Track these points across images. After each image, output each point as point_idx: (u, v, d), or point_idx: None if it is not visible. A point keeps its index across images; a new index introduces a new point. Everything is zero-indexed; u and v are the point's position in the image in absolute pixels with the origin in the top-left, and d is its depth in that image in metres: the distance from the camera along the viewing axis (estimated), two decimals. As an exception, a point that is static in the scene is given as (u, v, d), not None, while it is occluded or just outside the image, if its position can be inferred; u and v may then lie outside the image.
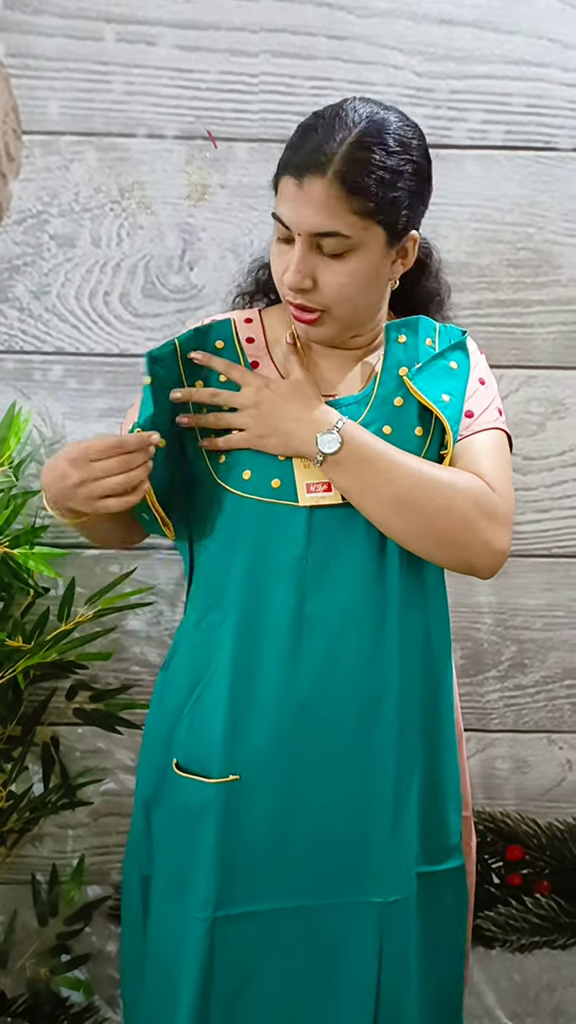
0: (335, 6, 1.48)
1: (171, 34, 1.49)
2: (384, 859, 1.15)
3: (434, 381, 1.15)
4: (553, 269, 1.55)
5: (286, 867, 1.15)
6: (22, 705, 1.55)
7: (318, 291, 1.10)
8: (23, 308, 1.55)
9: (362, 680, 1.13)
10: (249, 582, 1.14)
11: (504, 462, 1.17)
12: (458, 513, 1.10)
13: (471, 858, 1.29)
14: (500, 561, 1.13)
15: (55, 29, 1.48)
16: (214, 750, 1.14)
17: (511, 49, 1.49)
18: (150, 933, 1.21)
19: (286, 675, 1.13)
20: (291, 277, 1.09)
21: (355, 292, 1.11)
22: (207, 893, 1.14)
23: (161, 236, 1.54)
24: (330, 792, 1.14)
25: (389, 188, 1.08)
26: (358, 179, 1.06)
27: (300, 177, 1.07)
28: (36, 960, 1.63)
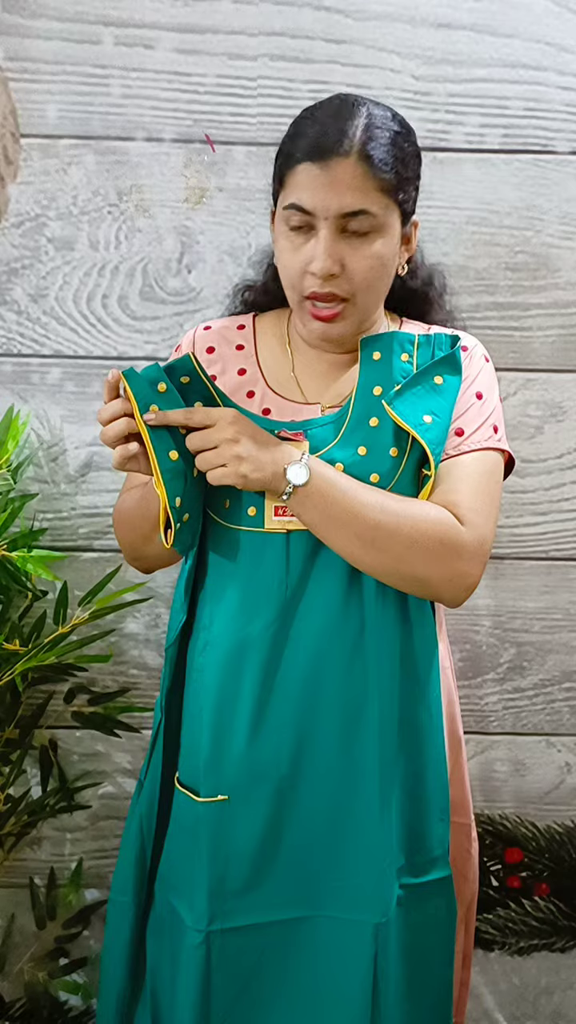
0: (333, 10, 1.48)
1: (169, 38, 1.49)
2: (369, 875, 1.15)
3: (415, 402, 1.13)
4: (551, 272, 1.55)
5: (277, 881, 1.16)
6: (20, 708, 1.55)
7: (345, 277, 1.10)
8: (21, 311, 1.55)
9: (341, 696, 1.14)
10: (234, 607, 1.14)
11: (487, 488, 1.14)
12: (423, 550, 1.09)
13: (472, 864, 1.29)
14: (467, 594, 1.14)
15: (53, 32, 1.48)
16: (200, 770, 1.15)
17: (508, 53, 1.50)
18: (155, 947, 1.21)
19: (268, 695, 1.13)
20: (322, 263, 1.09)
21: (380, 275, 1.12)
22: (201, 907, 1.15)
23: (159, 239, 1.54)
24: (314, 808, 1.15)
25: (404, 166, 1.11)
26: (381, 156, 1.08)
27: (323, 159, 1.08)
28: (34, 964, 1.63)
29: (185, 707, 1.20)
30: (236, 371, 1.21)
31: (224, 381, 1.20)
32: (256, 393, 1.19)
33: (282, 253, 1.13)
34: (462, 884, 1.25)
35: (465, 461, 1.14)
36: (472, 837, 1.29)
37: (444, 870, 1.17)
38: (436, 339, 1.18)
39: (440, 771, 1.17)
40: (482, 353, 1.21)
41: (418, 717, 1.16)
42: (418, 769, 1.15)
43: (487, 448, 1.16)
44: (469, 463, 1.15)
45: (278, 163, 1.13)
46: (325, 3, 1.48)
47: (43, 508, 1.58)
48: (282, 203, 1.12)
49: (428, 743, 1.16)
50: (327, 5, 1.48)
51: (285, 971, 1.17)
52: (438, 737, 1.17)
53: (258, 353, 1.22)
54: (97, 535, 1.59)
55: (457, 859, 1.22)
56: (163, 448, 1.07)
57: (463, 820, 1.26)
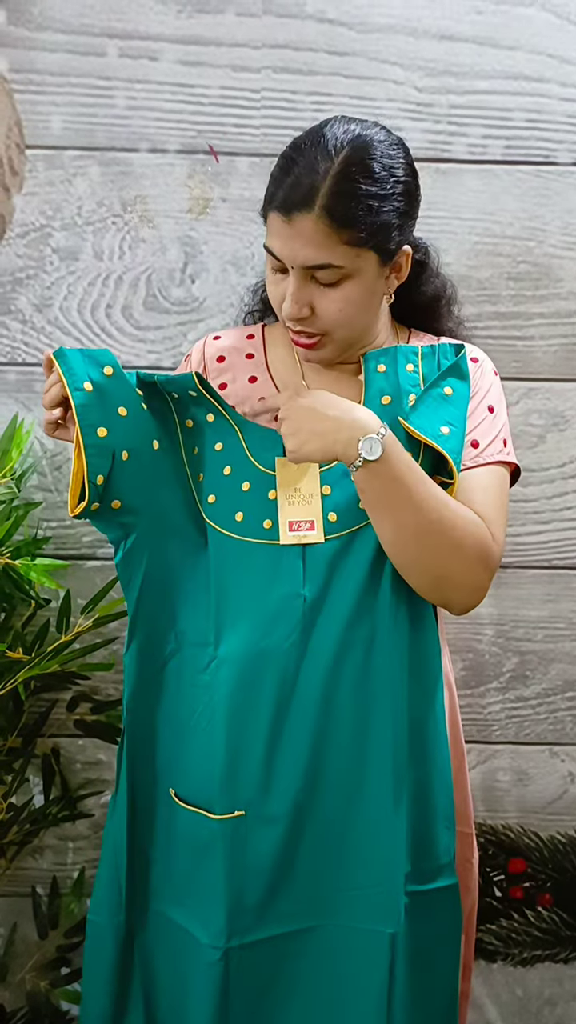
0: (336, 22, 1.49)
1: (173, 50, 1.50)
2: (382, 883, 1.15)
3: (430, 415, 1.14)
4: (553, 282, 1.55)
5: (293, 892, 1.16)
6: (23, 716, 1.55)
7: (317, 318, 1.12)
8: (26, 320, 1.56)
9: (353, 706, 1.14)
10: (248, 622, 1.14)
11: (502, 502, 1.17)
12: (464, 556, 1.11)
13: (473, 874, 1.29)
14: (478, 603, 1.16)
15: (58, 44, 1.50)
16: (214, 786, 1.14)
17: (511, 65, 1.51)
18: (155, 966, 1.21)
19: (286, 710, 1.13)
20: (288, 308, 1.11)
21: (353, 315, 1.12)
22: (219, 924, 1.14)
23: (163, 249, 1.55)
24: (329, 817, 1.15)
25: (377, 215, 1.08)
26: (346, 211, 1.06)
27: (287, 213, 1.08)
28: (36, 973, 1.62)
29: (176, 723, 1.18)
30: (247, 379, 1.22)
31: (235, 389, 1.21)
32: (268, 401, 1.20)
33: (268, 283, 1.16)
34: (463, 894, 1.24)
35: (481, 474, 1.16)
36: (473, 846, 1.29)
37: (450, 878, 1.18)
38: (440, 349, 1.19)
39: (446, 779, 1.17)
40: (491, 367, 1.23)
41: (424, 724, 1.16)
42: (425, 777, 1.16)
43: (498, 462, 1.18)
44: (484, 476, 1.16)
45: (264, 197, 1.14)
46: (328, 16, 1.49)
47: (46, 516, 1.59)
48: (265, 242, 1.13)
49: (434, 751, 1.17)
50: (330, 18, 1.49)
51: (300, 981, 1.17)
52: (443, 744, 1.17)
53: (268, 362, 1.23)
54: (100, 543, 1.59)
55: (459, 868, 1.22)
56: (91, 422, 1.11)
57: (464, 829, 1.26)
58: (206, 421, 1.17)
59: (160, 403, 1.18)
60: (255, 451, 1.16)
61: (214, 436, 1.17)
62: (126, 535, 1.17)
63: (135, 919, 1.22)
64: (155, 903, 1.21)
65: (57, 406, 1.13)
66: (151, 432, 1.15)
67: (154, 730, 1.20)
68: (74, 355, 1.13)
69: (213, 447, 1.16)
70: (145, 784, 1.21)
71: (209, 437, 1.17)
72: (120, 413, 1.12)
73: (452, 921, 1.19)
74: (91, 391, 1.11)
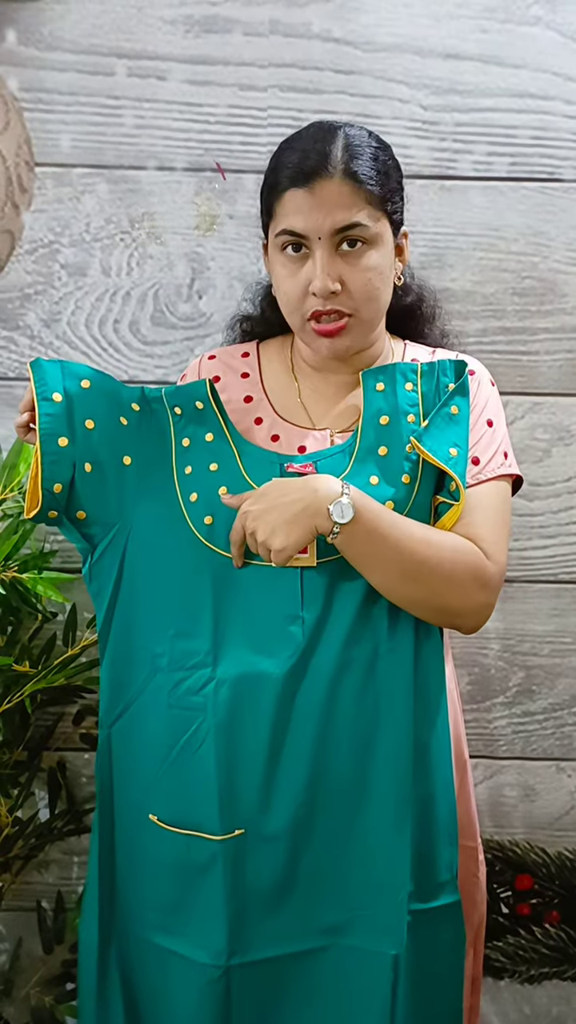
0: (342, 41, 1.51)
1: (181, 69, 1.52)
2: (384, 903, 1.14)
3: (439, 436, 1.14)
4: (558, 297, 1.56)
5: (295, 911, 1.15)
6: (29, 730, 1.55)
7: (346, 293, 1.12)
8: (34, 336, 1.57)
9: (354, 724, 1.13)
10: (245, 644, 1.13)
11: (502, 517, 1.17)
12: (458, 584, 1.11)
13: (480, 888, 1.28)
14: (485, 622, 1.17)
15: (67, 64, 1.51)
16: (212, 807, 1.13)
17: (516, 83, 1.52)
18: (138, 991, 1.20)
19: (285, 730, 1.13)
20: (321, 282, 1.11)
21: (380, 287, 1.14)
22: (219, 944, 1.14)
23: (170, 265, 1.56)
24: (329, 836, 1.14)
25: (388, 178, 1.14)
26: (365, 170, 1.11)
27: (309, 183, 1.10)
28: (41, 988, 1.62)
29: (156, 747, 1.16)
30: (243, 398, 1.21)
31: (231, 409, 1.20)
32: (264, 420, 1.20)
33: (280, 281, 1.15)
34: (470, 908, 1.24)
35: (482, 491, 1.16)
36: (480, 860, 1.28)
37: (452, 895, 1.17)
38: (440, 366, 1.18)
39: (449, 795, 1.17)
40: (488, 378, 1.22)
41: (427, 741, 1.15)
42: (427, 793, 1.15)
43: (500, 476, 1.18)
44: (486, 493, 1.16)
45: (264, 195, 1.16)
46: (334, 35, 1.50)
47: (53, 531, 1.59)
48: (273, 231, 1.14)
49: (437, 767, 1.16)
50: (336, 37, 1.51)
51: (303, 1002, 1.16)
52: (446, 760, 1.17)
53: (264, 380, 1.23)
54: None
55: (465, 883, 1.21)
56: (52, 431, 1.13)
57: (470, 843, 1.25)
58: (204, 440, 1.16)
59: (159, 421, 1.17)
60: (252, 472, 1.15)
61: (210, 456, 1.16)
62: (93, 547, 1.17)
63: (112, 943, 1.20)
64: (137, 929, 1.19)
65: (28, 410, 1.16)
66: (122, 447, 1.15)
67: (132, 752, 1.18)
68: (51, 366, 1.15)
69: (208, 467, 1.16)
70: (124, 806, 1.19)
71: (205, 457, 1.16)
72: (87, 426, 1.13)
73: (455, 939, 1.18)
74: (60, 401, 1.14)
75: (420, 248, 1.24)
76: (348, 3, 1.50)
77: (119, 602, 1.18)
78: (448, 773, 1.17)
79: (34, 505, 1.15)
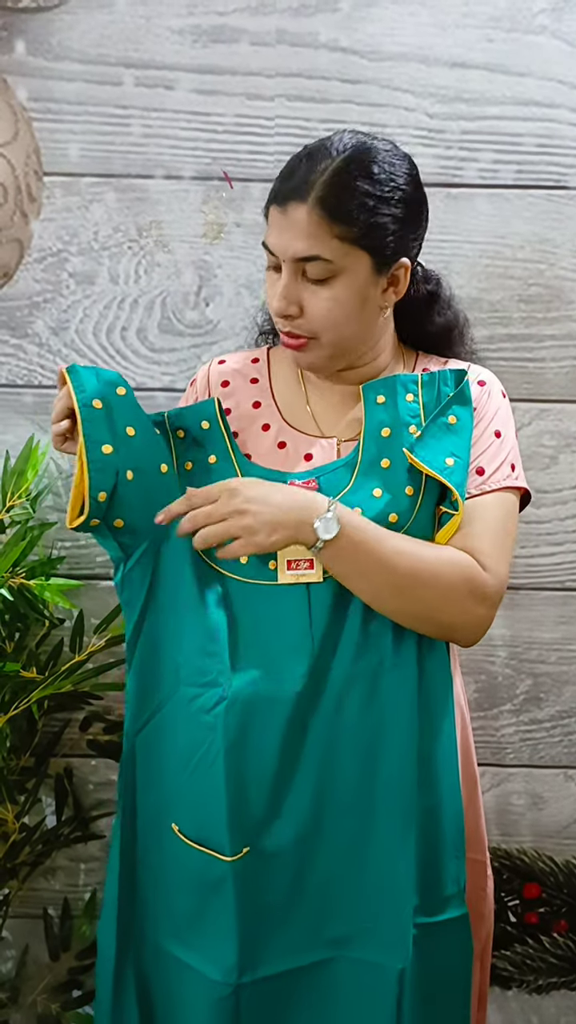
0: (349, 51, 1.52)
1: (189, 79, 1.53)
2: (389, 916, 1.14)
3: (435, 445, 1.13)
4: (564, 304, 1.56)
5: (303, 925, 1.15)
6: (36, 736, 1.55)
7: (304, 317, 1.11)
8: (42, 343, 1.58)
9: (359, 737, 1.13)
10: (257, 663, 1.12)
11: (505, 529, 1.15)
12: (451, 598, 1.10)
13: (487, 902, 1.27)
14: (482, 635, 1.15)
15: (75, 74, 1.53)
16: (221, 825, 1.13)
17: (521, 91, 1.52)
18: (155, 999, 1.20)
19: (294, 747, 1.13)
20: (277, 303, 1.10)
21: (342, 318, 1.11)
22: (230, 961, 1.13)
23: (178, 273, 1.57)
24: (336, 850, 1.14)
25: (372, 214, 1.08)
26: (339, 204, 1.07)
27: (283, 205, 1.09)
28: (47, 995, 1.61)
29: (178, 757, 1.16)
30: (251, 404, 1.21)
31: (239, 415, 1.21)
32: (272, 426, 1.20)
33: (265, 287, 1.16)
34: (478, 922, 1.23)
35: (485, 502, 1.15)
36: (488, 874, 1.27)
37: (459, 908, 1.16)
38: (440, 376, 1.17)
39: (455, 808, 1.16)
40: (499, 389, 1.21)
41: (433, 753, 1.15)
42: (433, 806, 1.14)
43: (505, 488, 1.16)
44: (489, 504, 1.15)
45: (267, 200, 1.15)
46: (341, 44, 1.51)
47: (61, 537, 1.60)
48: (263, 239, 1.14)
49: (443, 780, 1.15)
50: (343, 46, 1.51)
51: (310, 1015, 1.16)
52: (453, 773, 1.16)
53: (272, 386, 1.23)
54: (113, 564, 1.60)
55: (472, 896, 1.20)
56: (96, 438, 1.11)
57: (478, 857, 1.24)
58: (207, 463, 1.16)
59: (164, 441, 1.17)
60: None
61: (214, 478, 1.15)
62: (127, 556, 1.17)
63: (130, 949, 1.20)
64: (155, 937, 1.20)
65: (64, 418, 1.13)
66: (160, 455, 1.15)
67: (156, 761, 1.19)
68: (87, 372, 1.14)
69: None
70: (146, 814, 1.19)
71: (207, 480, 1.15)
72: (128, 433, 1.12)
73: (462, 952, 1.17)
74: (100, 408, 1.12)
75: (426, 255, 1.25)
76: (355, 13, 1.50)
77: (149, 612, 1.17)
78: (455, 786, 1.16)
79: (77, 515, 1.14)
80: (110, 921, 1.21)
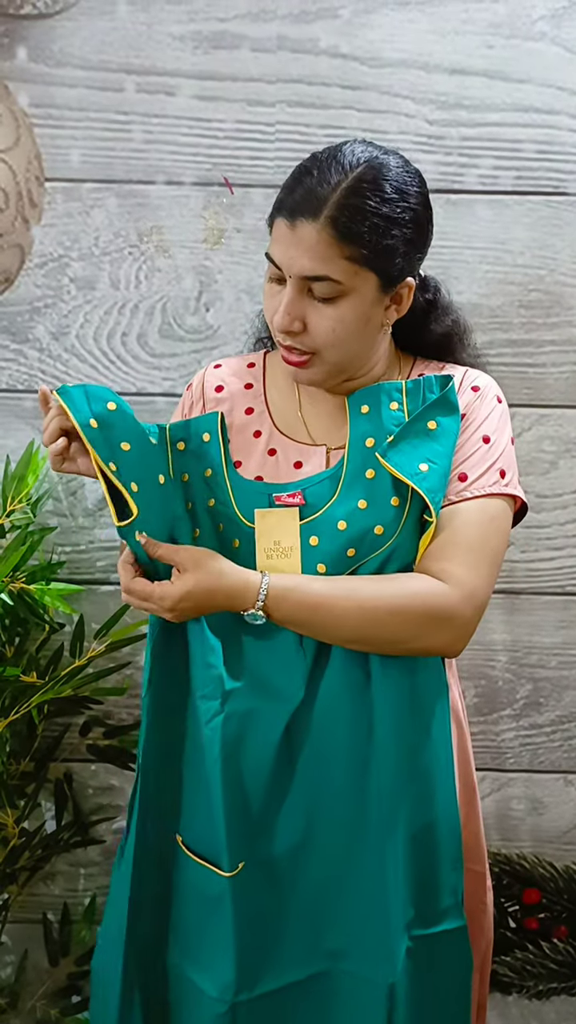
0: (349, 57, 1.52)
1: (190, 85, 1.53)
2: (377, 931, 1.13)
3: (410, 451, 1.10)
4: (564, 310, 1.57)
5: (296, 941, 1.15)
6: (36, 741, 1.55)
7: (308, 334, 1.09)
8: (43, 348, 1.58)
9: (348, 750, 1.12)
10: (250, 678, 1.12)
11: (485, 537, 1.11)
12: (412, 627, 1.09)
13: (487, 914, 1.26)
14: (464, 646, 1.13)
15: (77, 80, 1.53)
16: (219, 840, 1.12)
17: (521, 97, 1.53)
18: (171, 1010, 1.19)
19: (287, 762, 1.12)
20: (280, 319, 1.08)
21: (345, 337, 1.09)
22: (228, 978, 1.13)
23: (178, 278, 1.57)
24: (326, 864, 1.14)
25: (383, 235, 1.06)
26: (351, 225, 1.05)
27: (292, 219, 1.06)
28: (46, 1001, 1.61)
29: (183, 770, 1.16)
30: (244, 410, 1.21)
31: (232, 420, 1.20)
32: (263, 433, 1.19)
33: (264, 296, 1.14)
34: (477, 933, 1.22)
35: (465, 508, 1.11)
36: (487, 886, 1.26)
37: (457, 920, 1.15)
38: (425, 382, 1.14)
39: (451, 819, 1.14)
40: (495, 394, 1.18)
41: (428, 764, 1.13)
42: (428, 818, 1.13)
43: (491, 495, 1.13)
44: (467, 511, 1.11)
45: (273, 204, 1.12)
46: (341, 51, 1.52)
47: (61, 541, 1.60)
48: (267, 249, 1.11)
49: (438, 790, 1.14)
50: (343, 52, 1.52)
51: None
52: (449, 783, 1.14)
53: (267, 392, 1.22)
54: (114, 568, 1.60)
55: (472, 908, 1.20)
56: (103, 457, 1.10)
57: (478, 868, 1.24)
58: (203, 476, 1.15)
59: (160, 451, 1.16)
60: (242, 508, 1.14)
61: (208, 492, 1.15)
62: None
63: (142, 975, 1.19)
64: (168, 956, 1.19)
65: (58, 438, 1.12)
66: (157, 467, 1.14)
67: (167, 776, 1.18)
68: (77, 391, 1.12)
69: (207, 503, 1.15)
70: (157, 832, 1.18)
71: (204, 492, 1.15)
72: (123, 448, 1.10)
73: (460, 964, 1.15)
74: (96, 428, 1.10)
75: (426, 262, 1.24)
76: (355, 19, 1.51)
77: (161, 626, 1.16)
78: (451, 796, 1.14)
79: (120, 516, 1.12)
80: (118, 932, 1.18)
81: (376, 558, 1.11)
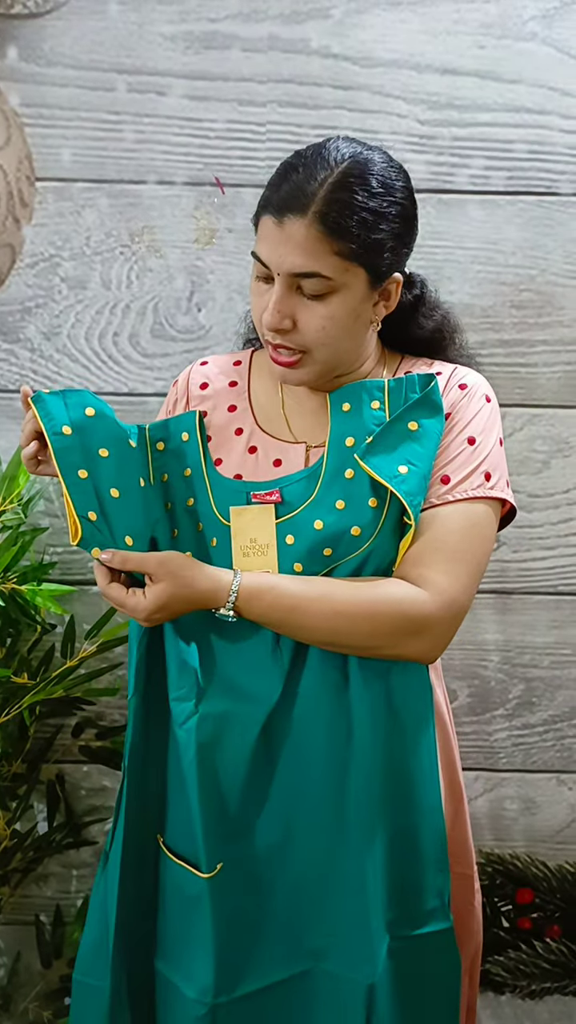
0: (340, 57, 1.52)
1: (181, 84, 1.53)
2: (355, 932, 1.13)
3: (389, 452, 1.08)
4: (556, 310, 1.57)
5: (275, 942, 1.14)
6: (28, 742, 1.55)
7: (298, 332, 1.08)
8: (34, 349, 1.58)
9: (326, 752, 1.12)
10: (227, 678, 1.12)
11: (466, 541, 1.09)
12: (386, 633, 1.07)
13: (475, 916, 1.26)
14: (439, 653, 1.11)
15: (68, 80, 1.53)
16: (196, 841, 1.12)
17: (512, 98, 1.53)
18: (157, 1012, 1.19)
19: (264, 762, 1.12)
20: (269, 317, 1.07)
21: (336, 334, 1.08)
22: (207, 980, 1.12)
23: (170, 278, 1.57)
24: (305, 865, 1.13)
25: (371, 230, 1.06)
26: (340, 220, 1.04)
27: (280, 216, 1.05)
28: (39, 1003, 1.61)
29: (165, 772, 1.16)
30: (227, 407, 1.20)
31: (215, 417, 1.19)
32: (244, 431, 1.19)
33: (251, 297, 1.12)
34: (466, 936, 1.22)
35: (447, 512, 1.09)
36: (475, 888, 1.26)
37: (443, 922, 1.14)
38: (407, 381, 1.12)
39: (435, 821, 1.13)
40: (483, 392, 1.15)
41: (408, 767, 1.12)
42: (410, 820, 1.12)
43: (475, 498, 1.10)
44: (451, 515, 1.09)
45: (259, 202, 1.11)
46: (332, 51, 1.52)
47: (53, 542, 1.60)
48: (253, 248, 1.10)
49: (421, 792, 1.12)
50: (334, 53, 1.52)
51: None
52: (432, 786, 1.13)
53: (251, 390, 1.21)
54: (106, 569, 1.60)
55: (460, 910, 1.19)
56: (72, 463, 1.10)
57: (465, 871, 1.23)
58: (182, 476, 1.15)
59: (140, 454, 1.15)
60: (220, 506, 1.14)
61: (187, 491, 1.15)
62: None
63: (128, 981, 1.18)
64: (156, 960, 1.19)
65: (32, 440, 1.12)
66: (137, 471, 1.13)
67: (151, 778, 1.17)
68: (52, 399, 1.11)
69: (186, 503, 1.15)
70: (142, 834, 1.18)
71: (183, 492, 1.15)
72: (101, 454, 1.10)
73: (446, 966, 1.14)
74: (70, 434, 1.09)
75: (418, 262, 1.25)
76: (346, 19, 1.51)
77: (155, 629, 1.15)
78: (435, 800, 1.13)
79: (76, 533, 1.11)
80: (104, 938, 1.17)
81: (353, 559, 1.10)
